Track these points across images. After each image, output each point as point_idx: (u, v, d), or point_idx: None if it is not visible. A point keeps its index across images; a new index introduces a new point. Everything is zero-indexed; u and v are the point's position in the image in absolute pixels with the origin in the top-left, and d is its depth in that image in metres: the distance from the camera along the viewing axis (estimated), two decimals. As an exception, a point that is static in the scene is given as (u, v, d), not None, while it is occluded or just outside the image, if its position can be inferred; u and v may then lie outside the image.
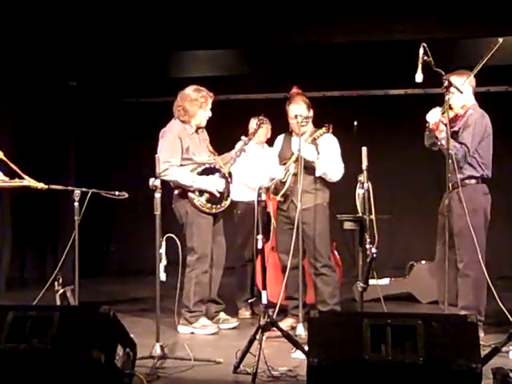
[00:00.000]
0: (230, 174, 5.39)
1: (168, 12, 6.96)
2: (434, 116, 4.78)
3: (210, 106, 5.26)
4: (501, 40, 4.53)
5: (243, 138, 5.58)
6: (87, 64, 7.79)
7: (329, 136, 5.21)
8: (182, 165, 5.15)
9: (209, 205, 5.18)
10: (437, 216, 4.97)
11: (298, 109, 5.15)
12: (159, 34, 7.14)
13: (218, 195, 5.20)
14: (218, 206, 5.23)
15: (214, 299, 5.36)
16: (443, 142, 4.70)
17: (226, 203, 5.29)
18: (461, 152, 4.74)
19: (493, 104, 5.68)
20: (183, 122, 5.22)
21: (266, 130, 5.93)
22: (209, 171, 5.22)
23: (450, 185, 4.70)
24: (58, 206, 8.16)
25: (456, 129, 4.83)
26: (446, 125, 4.60)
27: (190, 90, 5.24)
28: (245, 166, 5.71)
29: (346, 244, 7.84)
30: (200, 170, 5.19)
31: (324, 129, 5.16)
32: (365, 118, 8.06)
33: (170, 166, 5.07)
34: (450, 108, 4.70)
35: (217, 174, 5.23)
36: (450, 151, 4.56)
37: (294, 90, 5.46)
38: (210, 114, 5.28)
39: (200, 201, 5.15)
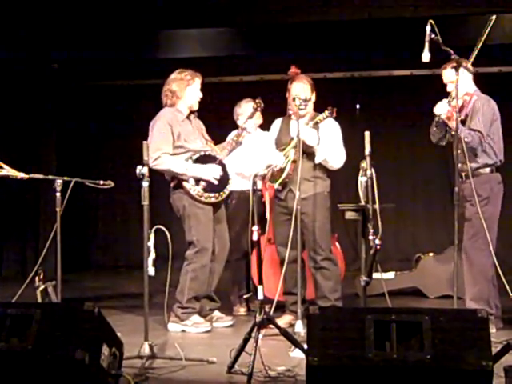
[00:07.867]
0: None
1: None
2: (442, 107, 4.78)
3: (198, 85, 5.28)
4: (493, 17, 4.52)
5: (241, 125, 5.58)
6: (69, 45, 7.75)
7: (330, 120, 5.19)
8: (174, 154, 5.14)
9: (206, 194, 5.16)
10: (446, 205, 4.98)
11: (301, 88, 5.13)
12: (145, 11, 7.10)
13: (216, 183, 5.19)
14: (217, 195, 5.20)
15: (210, 296, 5.35)
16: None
17: (226, 192, 5.27)
18: (476, 139, 4.76)
19: (507, 84, 5.68)
20: (172, 105, 5.23)
21: (259, 113, 5.92)
22: (204, 159, 5.20)
23: (464, 174, 4.72)
24: (39, 197, 8.14)
25: (462, 117, 4.83)
26: (455, 110, 4.59)
27: (173, 74, 5.31)
28: (238, 152, 5.67)
29: (348, 235, 7.87)
30: (195, 157, 5.17)
31: (327, 112, 5.11)
32: (368, 100, 8.09)
33: (161, 154, 5.07)
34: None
35: (213, 162, 5.22)
36: (466, 139, 4.58)
37: (293, 69, 5.43)
38: (200, 94, 5.29)
39: (196, 190, 5.14)
